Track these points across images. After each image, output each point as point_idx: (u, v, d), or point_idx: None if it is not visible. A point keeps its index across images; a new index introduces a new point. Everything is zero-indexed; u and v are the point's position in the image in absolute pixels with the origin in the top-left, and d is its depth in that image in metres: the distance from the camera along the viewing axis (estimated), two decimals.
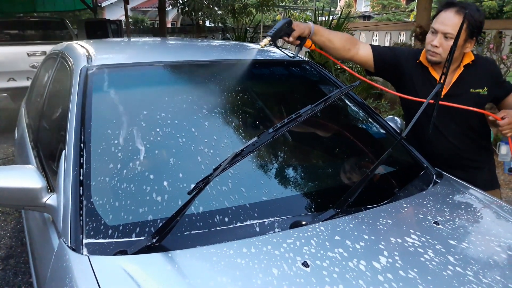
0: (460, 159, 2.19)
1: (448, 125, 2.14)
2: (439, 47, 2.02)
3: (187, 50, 2.64)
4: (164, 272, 1.22)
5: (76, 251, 1.30)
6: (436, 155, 2.15)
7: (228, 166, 1.28)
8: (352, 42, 2.23)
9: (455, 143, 2.16)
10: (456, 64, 2.10)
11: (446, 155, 2.18)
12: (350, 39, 2.24)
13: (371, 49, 2.23)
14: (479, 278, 1.28)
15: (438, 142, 2.17)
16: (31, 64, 6.85)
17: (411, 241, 1.40)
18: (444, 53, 2.02)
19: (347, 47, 2.20)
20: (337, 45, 2.19)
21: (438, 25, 2.03)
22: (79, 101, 1.73)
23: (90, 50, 2.15)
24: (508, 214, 1.70)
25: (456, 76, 2.10)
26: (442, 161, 2.13)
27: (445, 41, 2.01)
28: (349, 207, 1.57)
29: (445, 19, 2.00)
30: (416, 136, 2.21)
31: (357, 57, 2.24)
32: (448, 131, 2.15)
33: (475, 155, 2.21)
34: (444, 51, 2.01)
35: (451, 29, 1.97)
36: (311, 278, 1.21)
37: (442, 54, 2.03)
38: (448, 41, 1.99)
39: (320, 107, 1.51)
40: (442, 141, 2.17)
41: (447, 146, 2.17)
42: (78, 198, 1.41)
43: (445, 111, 2.04)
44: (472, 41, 2.05)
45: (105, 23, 11.03)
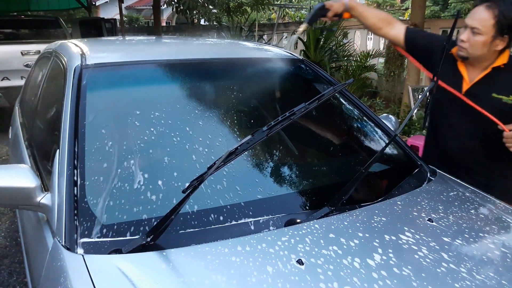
0: (469, 163, 2.12)
1: (461, 124, 2.09)
2: (466, 42, 1.97)
3: (182, 49, 2.64)
4: (159, 271, 1.22)
5: (70, 250, 1.29)
6: (447, 152, 2.14)
7: (223, 164, 1.28)
8: (385, 21, 2.27)
9: (466, 144, 2.10)
10: (487, 63, 2.02)
11: (457, 155, 2.13)
12: (384, 18, 2.28)
13: (405, 31, 2.23)
14: (472, 275, 1.28)
15: (451, 139, 2.14)
16: (25, 63, 6.82)
17: (405, 239, 1.41)
18: (471, 48, 1.97)
19: (378, 25, 2.26)
20: (369, 22, 2.27)
21: (468, 20, 1.97)
22: (73, 100, 1.72)
23: (84, 48, 2.14)
24: (502, 211, 1.71)
25: (482, 76, 2.02)
26: (453, 160, 2.10)
27: (473, 36, 1.95)
28: (344, 205, 1.57)
29: (475, 14, 1.95)
30: (433, 132, 2.22)
31: (388, 36, 2.29)
32: (461, 130, 2.10)
33: (487, 163, 2.11)
34: (471, 46, 1.96)
35: (478, 23, 1.92)
36: (305, 275, 1.21)
37: (468, 50, 1.98)
38: (475, 36, 1.94)
39: (314, 105, 1.51)
40: (454, 140, 2.12)
41: (458, 147, 2.11)
42: (73, 197, 1.41)
43: (462, 108, 2.01)
44: (504, 39, 1.94)
45: (99, 22, 10.98)
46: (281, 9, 16.43)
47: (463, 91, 2.03)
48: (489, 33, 1.91)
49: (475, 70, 2.04)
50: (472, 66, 2.05)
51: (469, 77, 2.05)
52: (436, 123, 2.21)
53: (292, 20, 18.14)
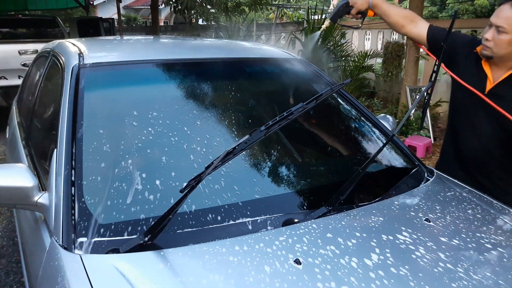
0: (489, 165, 2.10)
1: (483, 125, 2.06)
2: (491, 41, 1.94)
3: (180, 49, 2.64)
4: (157, 271, 1.22)
5: (68, 250, 1.29)
6: (467, 153, 2.11)
7: (220, 164, 1.28)
8: (409, 19, 2.25)
9: (487, 146, 2.07)
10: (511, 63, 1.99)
11: (476, 156, 2.10)
12: (407, 16, 2.26)
13: (427, 29, 2.21)
14: (469, 275, 1.29)
15: (471, 140, 2.11)
16: (22, 62, 6.81)
17: (402, 238, 1.41)
18: (495, 47, 1.94)
19: (401, 23, 2.24)
20: (392, 20, 2.25)
21: (493, 18, 1.94)
22: (70, 99, 1.72)
23: (82, 48, 2.14)
24: (498, 211, 1.71)
25: (506, 75, 1.98)
26: (471, 163, 2.08)
27: (497, 35, 1.92)
28: (341, 204, 1.57)
29: (500, 12, 1.92)
30: (453, 132, 2.19)
31: (410, 34, 2.28)
32: (482, 131, 2.07)
33: (506, 165, 2.08)
34: (495, 45, 1.93)
35: (503, 22, 1.89)
36: (303, 275, 1.21)
37: (493, 49, 1.95)
38: (500, 35, 1.91)
39: (312, 105, 1.51)
40: (476, 140, 2.09)
41: (479, 147, 2.08)
42: (70, 196, 1.41)
43: (483, 108, 1.99)
44: None
45: (97, 22, 10.96)
46: (279, 9, 16.44)
47: (487, 90, 2.01)
48: None
49: (500, 69, 2.01)
50: (496, 65, 2.02)
51: (493, 77, 2.02)
52: (457, 123, 2.17)
53: (290, 20, 18.14)
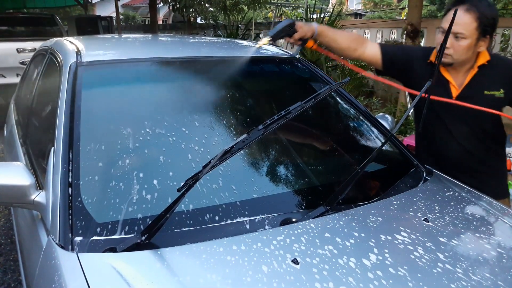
0: (470, 163, 2.11)
1: (459, 128, 2.06)
2: (450, 48, 1.92)
3: (178, 47, 2.63)
4: (154, 270, 1.22)
5: (64, 249, 1.29)
6: (445, 157, 2.11)
7: (218, 163, 1.28)
8: (359, 41, 2.18)
9: (465, 146, 2.08)
10: (470, 65, 2.01)
11: (456, 158, 2.10)
12: (356, 38, 2.19)
13: (380, 48, 2.17)
14: (468, 275, 1.28)
15: (448, 144, 2.10)
16: (20, 60, 6.81)
17: (401, 239, 1.41)
18: (455, 54, 1.94)
19: (353, 47, 2.16)
20: (343, 46, 2.15)
21: (447, 25, 1.86)
22: (68, 97, 1.71)
23: (79, 46, 2.13)
24: (497, 211, 1.71)
25: (470, 77, 2.01)
26: (451, 165, 2.08)
27: (456, 42, 1.92)
28: (339, 204, 1.57)
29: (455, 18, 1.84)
30: (426, 138, 2.17)
31: (364, 57, 2.19)
32: (459, 133, 2.07)
33: (486, 160, 2.12)
34: (455, 52, 1.93)
35: (461, 28, 1.88)
36: (301, 275, 1.21)
37: (453, 55, 1.95)
38: (459, 41, 1.91)
39: (310, 104, 1.51)
40: (452, 143, 2.09)
41: (457, 149, 2.08)
42: (67, 195, 1.40)
43: (457, 112, 1.99)
44: (486, 39, 1.94)
45: (95, 20, 10.95)
46: (278, 8, 16.44)
47: (454, 96, 2.01)
48: (473, 36, 1.90)
49: (459, 73, 2.02)
50: (455, 70, 2.02)
51: (456, 82, 2.03)
52: (430, 130, 2.15)
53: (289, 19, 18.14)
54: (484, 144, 2.09)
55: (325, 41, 2.13)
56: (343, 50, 2.17)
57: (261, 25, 14.20)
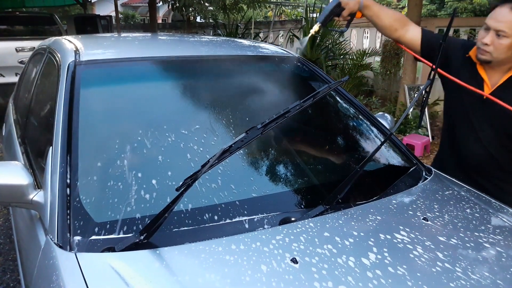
0: (491, 168, 2.07)
1: (485, 130, 2.02)
2: (490, 45, 1.88)
3: (177, 46, 2.62)
4: (152, 269, 1.21)
5: (63, 248, 1.28)
6: (467, 157, 2.08)
7: (217, 162, 1.27)
8: (402, 22, 2.14)
9: (489, 150, 2.03)
10: (509, 65, 1.95)
11: (477, 159, 2.07)
12: (400, 19, 2.15)
13: (421, 33, 2.13)
14: (467, 274, 1.28)
15: (471, 144, 2.07)
16: (19, 59, 6.80)
17: (400, 238, 1.40)
18: (495, 52, 1.89)
19: (394, 26, 2.13)
20: (385, 23, 2.13)
21: (491, 22, 1.87)
22: (66, 96, 1.71)
23: (78, 45, 2.12)
24: (497, 210, 1.71)
25: (505, 78, 1.95)
26: (471, 166, 2.06)
27: (497, 39, 1.86)
28: (339, 203, 1.56)
29: (499, 16, 1.86)
30: (451, 135, 2.15)
31: (404, 39, 2.15)
32: (485, 135, 2.03)
33: (507, 167, 2.06)
34: (495, 50, 1.88)
35: (504, 26, 1.83)
36: (300, 274, 1.20)
37: (493, 53, 1.90)
38: (501, 39, 1.86)
39: (309, 103, 1.50)
40: (476, 145, 2.05)
41: (480, 152, 2.05)
42: (65, 195, 1.39)
43: (484, 113, 1.95)
44: None
45: (95, 19, 10.94)
46: (278, 7, 16.42)
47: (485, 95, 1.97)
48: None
49: (496, 73, 1.98)
50: (493, 69, 1.98)
51: (490, 81, 1.98)
52: (456, 129, 2.13)
53: (289, 18, 18.13)
54: (507, 151, 2.04)
55: (369, 15, 2.12)
56: (384, 27, 2.15)
57: (260, 24, 14.19)
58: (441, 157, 2.32)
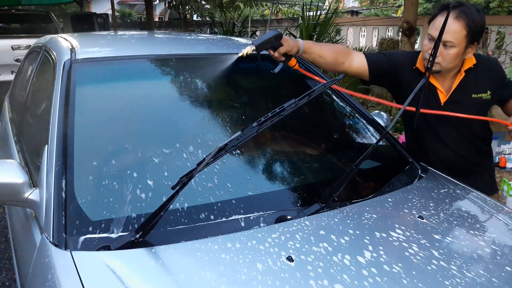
0: (462, 166, 2.11)
1: (450, 133, 2.06)
2: (438, 56, 1.87)
3: (174, 44, 2.62)
4: (148, 268, 1.21)
5: (58, 247, 1.28)
6: (439, 162, 2.09)
7: (212, 160, 1.28)
8: (345, 54, 2.09)
9: (457, 150, 2.07)
10: (456, 70, 1.99)
11: (449, 163, 2.09)
12: (342, 51, 2.10)
13: (366, 58, 2.09)
14: (462, 272, 1.28)
15: (440, 150, 2.09)
16: (15, 57, 6.80)
17: (395, 236, 1.41)
18: (444, 62, 1.90)
19: (340, 60, 2.07)
20: (329, 60, 2.05)
21: (435, 32, 1.83)
22: (62, 95, 1.70)
23: (74, 43, 2.11)
24: (492, 208, 1.72)
25: (457, 83, 1.99)
26: (444, 167, 2.07)
27: (445, 50, 1.87)
28: (334, 201, 1.57)
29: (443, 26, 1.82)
30: (417, 144, 2.16)
31: (351, 70, 2.11)
32: (451, 139, 2.06)
33: (476, 160, 2.14)
34: (443, 59, 1.89)
35: (450, 37, 1.83)
36: (295, 272, 1.21)
37: (442, 63, 1.91)
38: (448, 49, 1.87)
39: (304, 101, 1.51)
40: (444, 149, 2.08)
41: (450, 154, 2.08)
42: (61, 193, 1.39)
43: (447, 119, 1.97)
44: (474, 46, 1.90)
45: (91, 17, 10.94)
46: (275, 5, 16.41)
47: (442, 102, 2.00)
48: (462, 44, 1.86)
49: (446, 79, 2.01)
50: (442, 76, 2.00)
51: (443, 88, 2.01)
52: (421, 137, 2.14)
53: (286, 16, 18.13)
54: (475, 147, 2.11)
55: (311, 58, 2.04)
56: (329, 65, 2.08)
57: (257, 23, 14.19)
58: None
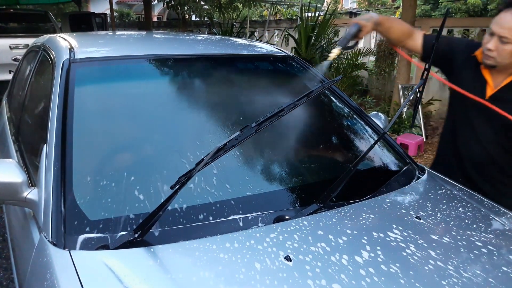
0: (491, 170, 2.07)
1: (486, 131, 2.02)
2: (494, 51, 1.87)
3: (172, 44, 2.62)
4: (146, 267, 1.21)
5: (57, 246, 1.28)
6: (467, 157, 2.08)
7: (211, 160, 1.28)
8: (407, 33, 2.19)
9: (489, 151, 2.04)
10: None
11: (477, 160, 2.07)
12: (406, 31, 2.19)
13: (423, 41, 2.16)
14: (459, 272, 1.29)
15: (472, 145, 2.07)
16: (13, 57, 6.78)
17: (393, 236, 1.41)
18: (499, 57, 1.88)
19: (401, 39, 2.18)
20: (394, 37, 2.18)
21: (495, 27, 1.86)
22: (60, 94, 1.71)
23: (72, 43, 2.12)
24: (489, 209, 1.72)
25: (508, 80, 1.95)
26: (472, 166, 2.06)
27: (501, 45, 1.85)
28: (332, 202, 1.57)
29: (503, 21, 1.84)
30: (452, 135, 2.15)
31: (407, 46, 2.23)
32: (485, 137, 2.03)
33: (507, 169, 2.06)
34: (499, 55, 1.87)
35: (508, 33, 1.82)
36: (293, 272, 1.21)
37: (497, 58, 1.89)
38: (504, 45, 1.85)
39: (303, 102, 1.51)
40: (477, 146, 2.05)
41: (481, 153, 2.05)
42: (60, 192, 1.39)
43: (485, 113, 1.95)
44: None
45: (89, 17, 10.92)
46: (273, 6, 16.42)
47: (487, 96, 1.97)
48: None
49: (500, 75, 1.97)
50: (498, 72, 1.97)
51: (494, 82, 1.98)
52: (457, 129, 2.13)
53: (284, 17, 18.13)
54: (507, 153, 2.04)
55: (381, 30, 2.16)
56: (393, 40, 2.21)
57: (256, 23, 14.18)
58: (441, 161, 2.32)
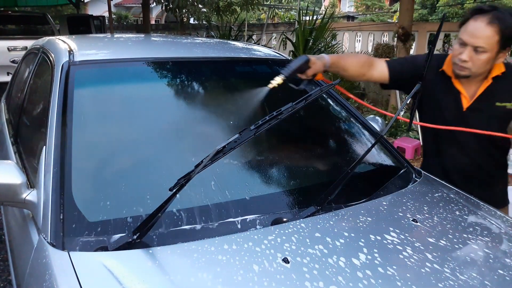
0: (479, 176, 2.08)
1: (470, 141, 2.00)
2: (469, 61, 1.84)
3: (171, 47, 2.63)
4: (145, 269, 1.22)
5: (56, 247, 1.29)
6: (456, 169, 2.08)
7: (210, 162, 1.29)
8: (367, 65, 2.09)
9: (476, 160, 2.04)
10: (484, 76, 1.93)
11: (467, 170, 2.06)
12: (364, 63, 2.10)
13: (388, 67, 2.08)
14: (456, 275, 1.30)
15: (457, 157, 2.06)
16: (11, 59, 6.78)
17: (390, 239, 1.42)
18: (474, 67, 1.85)
19: (362, 72, 2.08)
20: (352, 73, 2.08)
21: (467, 37, 1.82)
22: (60, 97, 1.71)
23: (72, 45, 2.12)
24: (485, 212, 1.73)
25: (483, 89, 1.93)
26: (461, 177, 2.06)
27: (476, 55, 1.82)
28: (330, 204, 1.58)
29: (475, 31, 1.81)
30: (438, 151, 2.14)
31: (373, 79, 2.13)
32: (470, 147, 2.02)
33: (493, 171, 2.11)
34: (474, 65, 1.85)
35: (482, 42, 1.79)
36: (291, 274, 1.22)
37: (472, 69, 1.86)
38: (479, 55, 1.82)
39: (301, 105, 1.52)
40: (463, 157, 2.04)
41: (467, 163, 2.05)
42: (59, 194, 1.40)
43: (466, 125, 1.93)
44: (505, 51, 1.85)
45: (88, 19, 10.90)
46: (271, 10, 16.44)
47: (465, 108, 1.96)
48: (494, 49, 1.82)
49: (473, 84, 1.96)
50: (468, 81, 1.95)
51: (468, 93, 1.97)
52: (440, 143, 2.12)
53: (282, 20, 18.16)
54: (493, 157, 2.06)
55: (335, 71, 2.07)
56: (352, 77, 2.11)
57: (253, 27, 14.21)
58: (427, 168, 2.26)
